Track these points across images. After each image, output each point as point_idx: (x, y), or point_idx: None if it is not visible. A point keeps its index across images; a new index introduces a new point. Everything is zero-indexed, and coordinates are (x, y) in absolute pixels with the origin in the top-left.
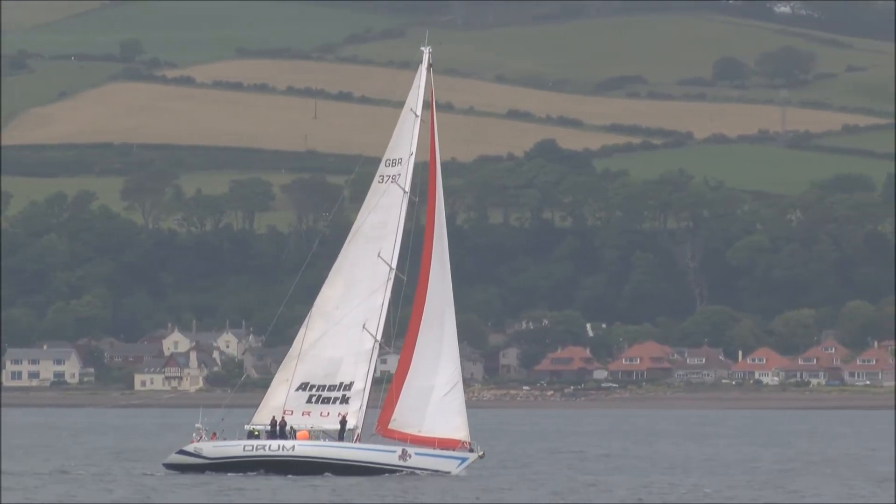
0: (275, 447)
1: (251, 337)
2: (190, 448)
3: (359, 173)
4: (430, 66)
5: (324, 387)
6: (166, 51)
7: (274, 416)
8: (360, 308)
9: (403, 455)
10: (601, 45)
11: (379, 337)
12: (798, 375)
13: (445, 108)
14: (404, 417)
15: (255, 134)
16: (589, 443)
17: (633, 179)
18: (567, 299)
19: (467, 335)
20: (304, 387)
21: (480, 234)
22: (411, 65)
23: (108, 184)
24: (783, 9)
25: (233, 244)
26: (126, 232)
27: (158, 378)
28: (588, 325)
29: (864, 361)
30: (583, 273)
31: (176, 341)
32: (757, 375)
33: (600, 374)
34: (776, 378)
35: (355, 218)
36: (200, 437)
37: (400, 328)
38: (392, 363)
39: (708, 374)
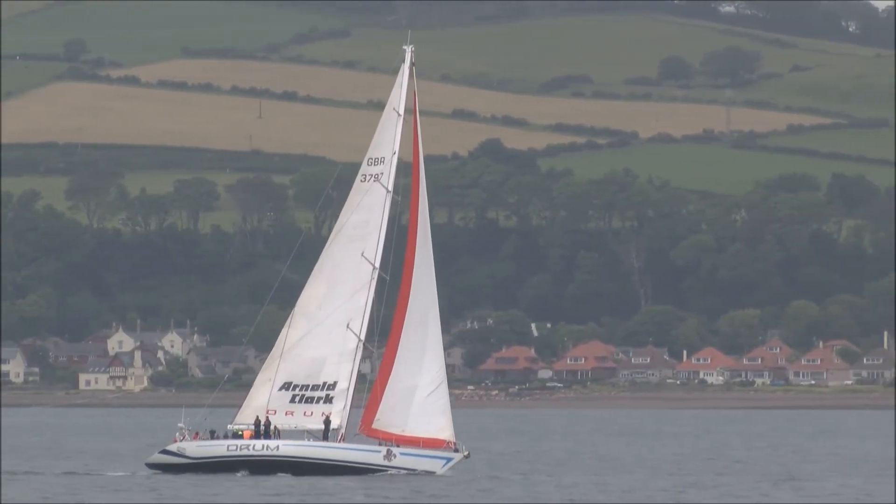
0: (259, 447)
1: (195, 336)
2: (173, 447)
3: (303, 173)
4: (412, 64)
5: (307, 386)
6: (111, 50)
7: (258, 416)
8: (344, 308)
9: (388, 455)
10: (546, 44)
11: (363, 337)
12: (743, 375)
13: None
14: (388, 417)
15: (199, 134)
16: (526, 442)
17: (578, 179)
18: (512, 299)
19: None
20: (286, 386)
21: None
22: (356, 64)
23: (53, 183)
24: (728, 9)
25: (177, 244)
26: (71, 232)
27: (103, 377)
28: (533, 325)
29: (808, 361)
30: (527, 273)
31: (121, 341)
32: (702, 375)
33: (545, 373)
34: (721, 378)
35: (300, 217)
36: (183, 437)
37: (383, 328)
38: (376, 363)
39: (652, 374)
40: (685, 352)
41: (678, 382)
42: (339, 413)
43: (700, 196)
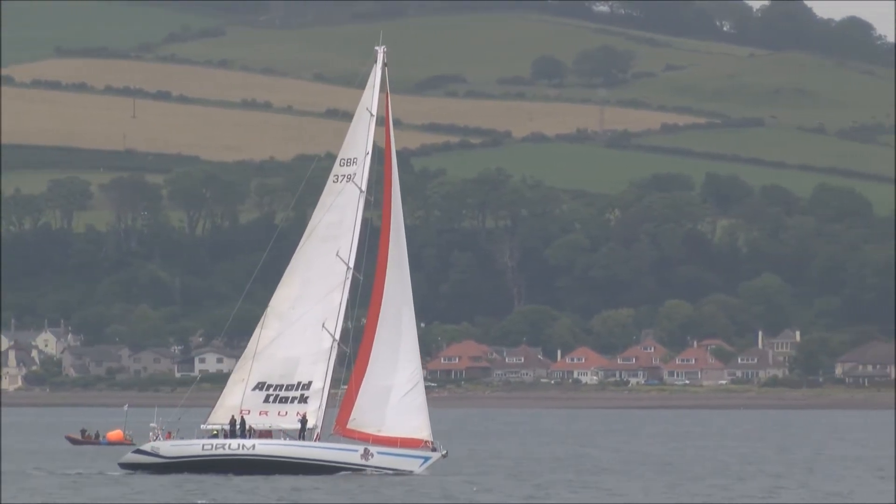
0: (234, 446)
1: (70, 336)
2: (147, 447)
3: (176, 172)
4: (385, 65)
5: (281, 386)
6: None
7: (233, 416)
8: (318, 307)
9: (365, 454)
10: (420, 44)
11: (337, 336)
12: (617, 375)
13: (264, 106)
14: (363, 417)
15: (73, 133)
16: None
17: (452, 178)
18: None
19: None
20: (260, 386)
21: (299, 233)
22: (229, 64)
23: None
24: (601, 8)
25: (51, 243)
26: None
27: None
28: None
29: (682, 361)
30: None
31: None
32: (576, 374)
33: None
34: (595, 377)
35: (172, 217)
36: (156, 437)
37: (357, 327)
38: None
39: (527, 374)
40: (559, 351)
41: (552, 382)
42: (314, 413)
43: (573, 195)
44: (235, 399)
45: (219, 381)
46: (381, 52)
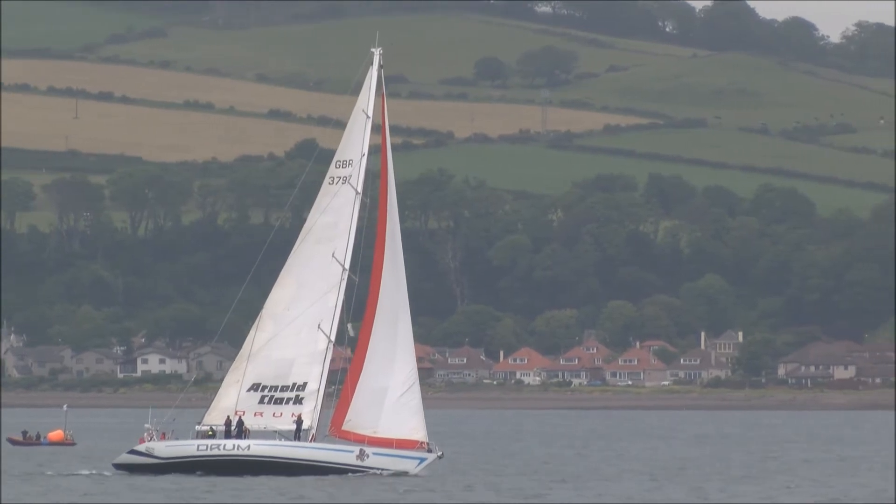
0: (230, 446)
1: (12, 336)
2: (141, 448)
3: (119, 173)
4: (380, 67)
5: (276, 387)
6: None
7: (228, 416)
8: (313, 309)
9: (361, 455)
10: (362, 44)
11: (333, 337)
12: (560, 375)
13: (206, 107)
14: (359, 418)
15: (15, 134)
16: None
17: (395, 179)
18: None
19: (227, 335)
20: (255, 387)
21: (241, 234)
22: (172, 64)
23: None
24: (544, 8)
25: None
26: None
27: None
28: (349, 325)
29: (625, 361)
30: None
31: None
32: (518, 375)
33: None
34: (538, 378)
35: (115, 218)
36: (151, 437)
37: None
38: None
39: (469, 374)
40: (502, 352)
41: (495, 383)
42: (309, 414)
43: (516, 196)
44: (230, 400)
45: (161, 381)
46: (377, 54)
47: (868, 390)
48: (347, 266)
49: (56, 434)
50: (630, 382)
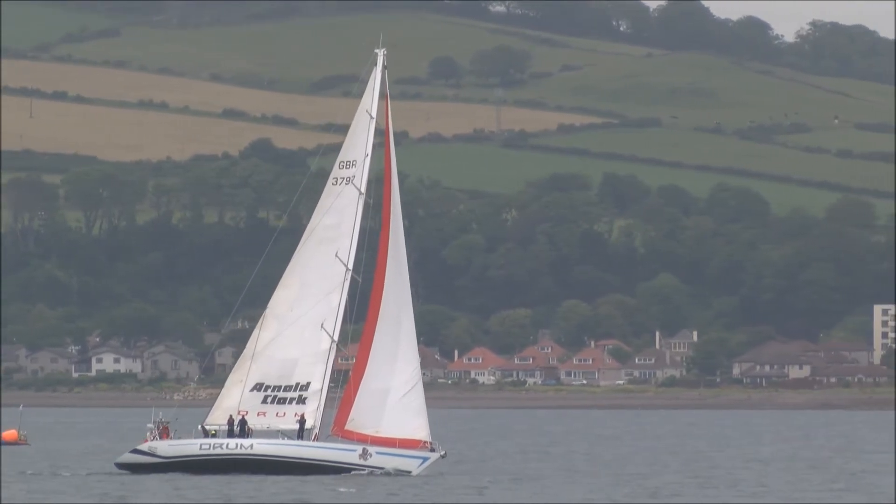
0: (232, 445)
1: None
2: (144, 447)
3: (74, 172)
4: (384, 68)
5: (279, 387)
6: None
7: (231, 415)
8: (316, 309)
9: (364, 454)
10: (316, 44)
11: (336, 337)
12: (514, 375)
13: (160, 107)
14: (362, 418)
15: None
16: None
17: None
18: None
19: (182, 334)
20: (258, 387)
21: (196, 234)
22: (126, 64)
23: None
24: (498, 8)
25: None
26: None
27: None
28: None
29: (580, 361)
30: None
31: None
32: (473, 375)
33: None
34: (492, 377)
35: (70, 217)
36: (154, 437)
37: (356, 329)
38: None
39: (424, 374)
40: (456, 351)
41: (449, 382)
42: (312, 413)
43: (470, 195)
44: (233, 400)
45: (116, 381)
46: (381, 54)
47: (823, 390)
48: (351, 266)
49: (10, 434)
50: (585, 382)
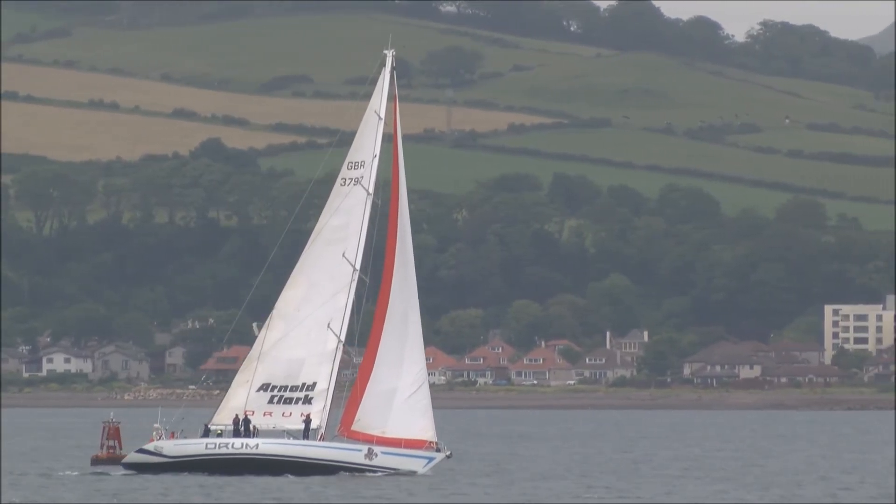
0: (238, 445)
1: None
2: (150, 447)
3: (24, 172)
4: (393, 68)
5: (286, 387)
6: None
7: (237, 415)
8: (323, 309)
9: (369, 454)
10: (267, 44)
11: (343, 338)
12: (465, 375)
13: (111, 107)
14: (368, 418)
15: None
16: None
17: (299, 178)
18: (233, 299)
19: (132, 334)
20: (265, 388)
21: (146, 234)
22: (76, 64)
23: None
24: (449, 8)
25: None
26: None
27: None
28: (254, 325)
29: (530, 361)
30: (248, 272)
31: None
32: None
33: None
34: (443, 377)
35: (20, 217)
36: (160, 436)
37: (363, 329)
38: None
39: None
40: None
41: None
42: (318, 413)
43: (421, 195)
44: (240, 400)
45: (67, 381)
46: (389, 55)
47: (773, 390)
48: (358, 266)
49: None
50: (535, 382)
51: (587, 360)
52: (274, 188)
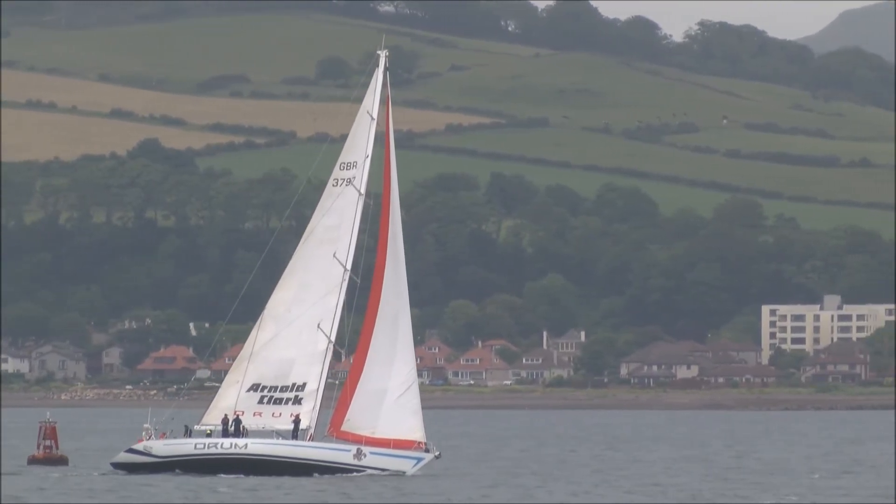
0: (227, 445)
1: None
2: (139, 447)
3: None
4: (386, 69)
5: (276, 388)
6: None
7: (226, 415)
8: (314, 309)
9: (358, 454)
10: (204, 44)
11: (333, 338)
12: None
13: (48, 107)
14: (358, 419)
15: None
16: None
17: (237, 178)
18: (170, 298)
19: (69, 334)
20: (255, 388)
21: (83, 234)
22: (15, 64)
23: None
24: (387, 8)
25: None
26: None
27: None
28: (191, 325)
29: (467, 361)
30: (186, 272)
31: None
32: None
33: (203, 373)
34: None
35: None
36: (150, 437)
37: (353, 330)
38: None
39: None
40: (343, 351)
41: (337, 382)
42: (308, 414)
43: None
44: (230, 400)
45: (4, 381)
46: (382, 56)
47: (710, 390)
48: (349, 267)
49: None
50: (472, 382)
51: (524, 360)
52: (212, 188)
